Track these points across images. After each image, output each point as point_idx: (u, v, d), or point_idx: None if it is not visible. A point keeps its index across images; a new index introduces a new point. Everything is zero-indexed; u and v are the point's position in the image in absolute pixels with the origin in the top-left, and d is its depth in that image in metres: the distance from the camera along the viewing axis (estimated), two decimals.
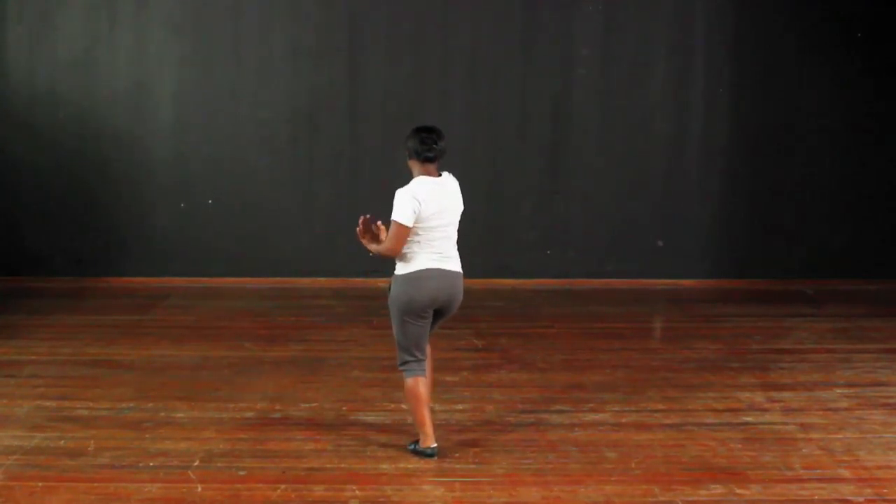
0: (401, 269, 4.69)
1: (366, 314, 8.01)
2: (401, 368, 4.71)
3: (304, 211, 9.45)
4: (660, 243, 9.50)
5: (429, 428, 4.66)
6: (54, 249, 9.35)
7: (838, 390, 5.85)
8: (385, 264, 9.61)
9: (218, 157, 9.36)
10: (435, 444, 4.67)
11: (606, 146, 9.47)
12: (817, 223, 9.58)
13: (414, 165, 4.76)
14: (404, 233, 4.57)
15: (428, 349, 4.78)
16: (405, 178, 4.97)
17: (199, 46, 9.31)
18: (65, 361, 6.41)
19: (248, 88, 9.35)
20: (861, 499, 4.21)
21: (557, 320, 7.86)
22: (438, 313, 4.76)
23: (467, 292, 4.78)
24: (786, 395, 5.75)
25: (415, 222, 4.57)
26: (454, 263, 4.75)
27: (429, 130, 4.78)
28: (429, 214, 4.60)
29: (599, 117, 9.47)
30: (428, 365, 4.77)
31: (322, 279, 9.39)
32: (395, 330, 4.71)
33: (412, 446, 4.74)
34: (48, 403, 5.45)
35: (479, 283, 8.86)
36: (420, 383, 4.65)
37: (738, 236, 9.57)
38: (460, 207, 4.81)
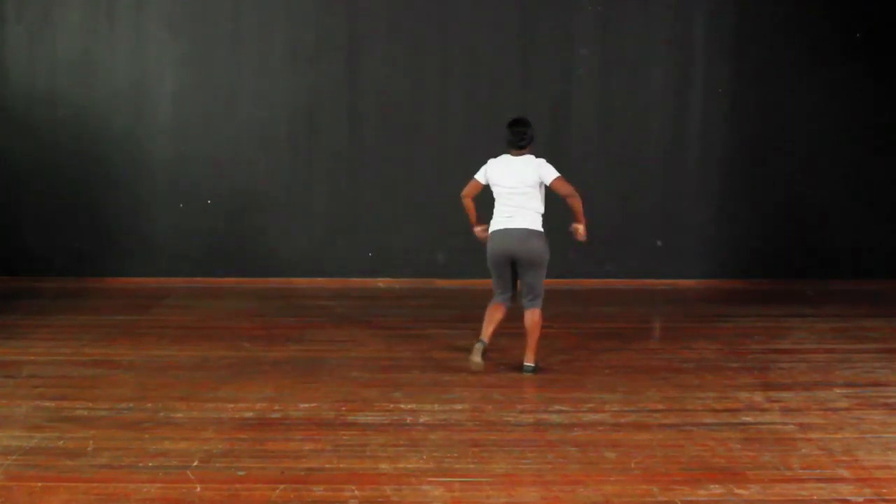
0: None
1: (365, 314, 8.02)
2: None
3: (304, 211, 9.45)
4: (659, 243, 9.50)
5: (485, 330, 6.07)
6: (53, 249, 9.36)
7: (837, 390, 5.85)
8: (383, 266, 9.57)
9: (217, 157, 9.37)
10: (483, 339, 6.01)
11: (606, 146, 9.47)
12: (816, 223, 9.58)
13: (508, 149, 6.18)
14: (471, 184, 6.24)
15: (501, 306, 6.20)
16: (405, 178, 5.17)
17: (199, 46, 9.32)
18: (64, 361, 6.41)
19: (248, 88, 9.35)
20: (860, 499, 4.21)
21: (557, 320, 7.83)
22: (519, 263, 6.05)
23: (467, 292, 4.82)
24: (785, 395, 5.75)
25: (488, 183, 6.15)
26: (517, 222, 6.01)
27: (518, 123, 6.16)
28: (494, 181, 6.10)
29: (599, 117, 9.47)
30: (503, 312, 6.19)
31: (321, 279, 9.39)
32: None
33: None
34: (47, 403, 5.44)
35: (478, 283, 8.85)
36: (494, 307, 6.15)
37: (738, 236, 9.57)
38: (525, 180, 6.03)
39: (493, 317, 6.13)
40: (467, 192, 6.24)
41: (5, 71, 9.28)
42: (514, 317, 7.98)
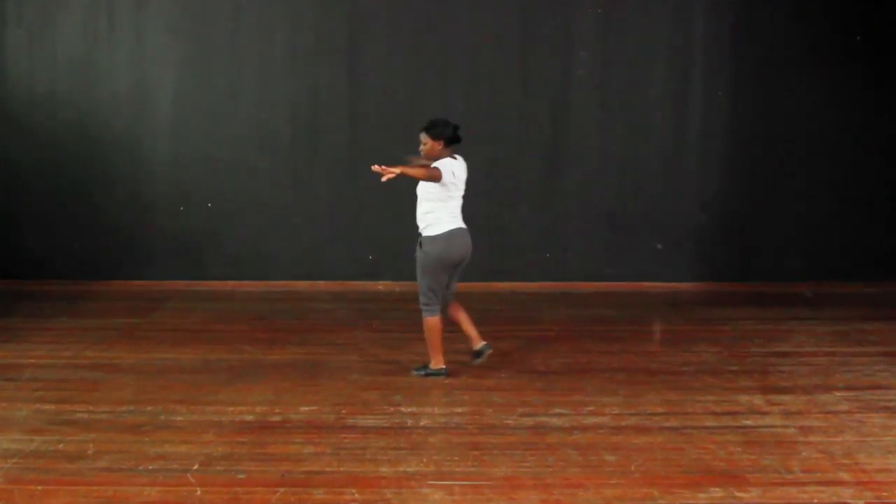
0: (434, 230, 5.95)
1: (365, 317, 8.02)
2: (424, 309, 6.01)
3: (304, 213, 9.45)
4: (659, 246, 9.49)
5: (442, 353, 6.06)
6: (54, 252, 9.36)
7: (838, 393, 5.85)
8: (384, 266, 9.55)
9: (217, 159, 9.36)
10: (444, 366, 6.07)
11: (605, 148, 9.46)
12: (816, 226, 9.57)
13: (442, 150, 6.03)
14: (438, 176, 5.84)
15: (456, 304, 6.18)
16: (405, 179, 5.30)
17: (199, 48, 9.32)
18: (64, 365, 6.41)
19: (248, 90, 9.35)
20: (861, 502, 4.21)
21: (556, 323, 7.86)
22: (462, 264, 6.06)
23: (466, 296, 4.81)
24: (785, 398, 5.75)
25: (448, 185, 5.90)
26: (462, 222, 6.05)
27: (450, 123, 6.08)
28: (456, 183, 5.97)
29: (598, 119, 9.46)
30: (459, 309, 6.19)
31: (321, 282, 9.39)
32: (425, 280, 5.96)
33: (421, 371, 6.10)
34: (47, 407, 5.45)
35: (478, 286, 8.85)
36: (439, 320, 6.03)
37: (737, 239, 9.56)
38: (465, 181, 6.10)
39: (440, 333, 6.09)
40: (432, 172, 5.83)
41: (6, 73, 9.27)
42: (520, 320, 8.01)
